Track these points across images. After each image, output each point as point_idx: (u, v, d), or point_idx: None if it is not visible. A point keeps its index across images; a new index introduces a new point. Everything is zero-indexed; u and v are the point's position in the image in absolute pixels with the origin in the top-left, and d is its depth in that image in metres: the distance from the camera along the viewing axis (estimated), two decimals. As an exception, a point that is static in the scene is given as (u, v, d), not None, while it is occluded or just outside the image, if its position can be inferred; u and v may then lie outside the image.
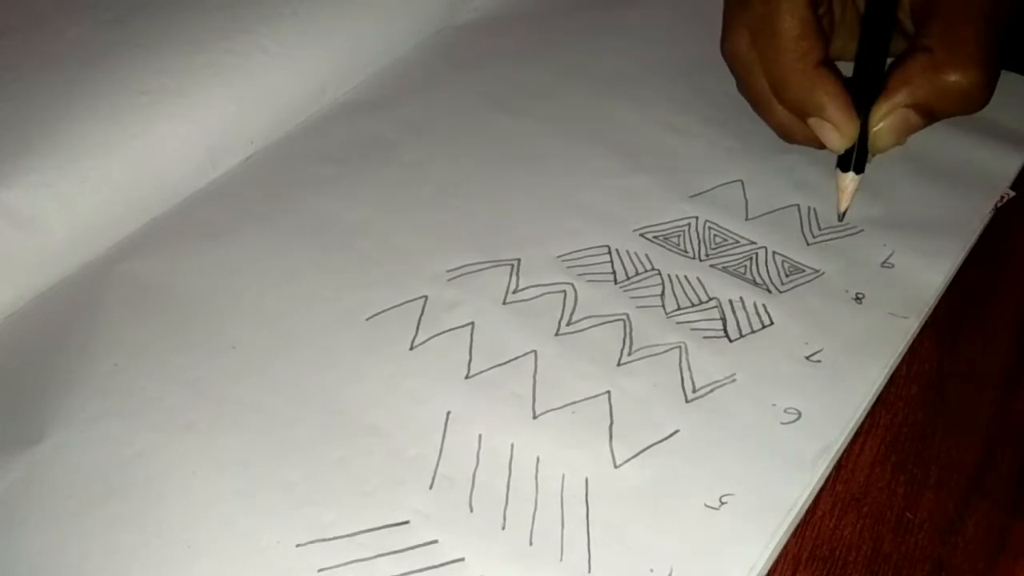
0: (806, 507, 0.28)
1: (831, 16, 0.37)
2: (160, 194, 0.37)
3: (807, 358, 0.31)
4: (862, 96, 0.34)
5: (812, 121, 0.34)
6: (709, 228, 0.36)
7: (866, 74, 0.34)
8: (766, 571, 0.26)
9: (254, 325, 0.33)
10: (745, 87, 0.37)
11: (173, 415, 0.30)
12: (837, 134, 0.34)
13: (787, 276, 0.34)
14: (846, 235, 0.35)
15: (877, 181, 0.37)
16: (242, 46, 0.40)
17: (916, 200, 0.37)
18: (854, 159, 0.35)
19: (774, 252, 0.35)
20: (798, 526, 0.28)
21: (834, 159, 0.35)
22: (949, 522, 0.28)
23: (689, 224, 0.36)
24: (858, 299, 0.33)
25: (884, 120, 0.34)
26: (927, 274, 0.34)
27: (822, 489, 0.28)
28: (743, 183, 0.38)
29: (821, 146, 0.35)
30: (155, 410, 0.30)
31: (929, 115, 0.34)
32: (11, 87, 0.37)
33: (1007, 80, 0.42)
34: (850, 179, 0.35)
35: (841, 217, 0.36)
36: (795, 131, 0.36)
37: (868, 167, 0.35)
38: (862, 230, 0.36)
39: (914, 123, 0.34)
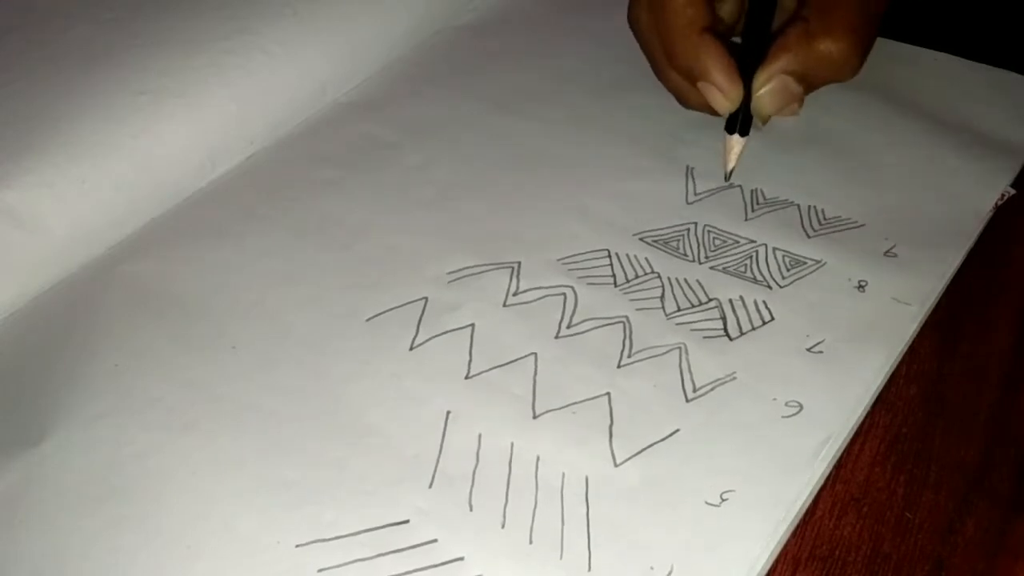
0: (809, 500, 0.28)
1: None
2: (160, 194, 0.37)
3: (808, 350, 0.31)
4: (747, 64, 0.36)
5: (700, 85, 0.36)
6: (708, 231, 0.36)
7: (751, 44, 0.36)
8: (768, 567, 0.26)
9: (254, 326, 0.33)
10: (645, 53, 0.39)
11: (173, 415, 0.30)
12: (722, 97, 0.36)
13: (788, 270, 0.34)
14: (847, 229, 0.35)
15: (878, 179, 0.37)
16: (242, 46, 0.40)
17: (917, 197, 0.37)
18: (740, 122, 0.36)
19: (774, 248, 0.35)
20: (798, 526, 0.28)
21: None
22: (949, 522, 0.28)
23: (688, 229, 0.36)
24: (860, 287, 0.33)
25: (765, 86, 0.36)
26: (930, 264, 0.34)
27: (822, 489, 0.28)
28: (741, 188, 0.38)
29: (715, 112, 0.37)
30: (155, 410, 0.30)
31: (805, 82, 0.36)
32: (11, 87, 0.37)
33: (1007, 80, 0.42)
34: (736, 141, 0.37)
35: (727, 177, 0.37)
36: (689, 96, 0.37)
37: (870, 168, 0.35)
38: (863, 225, 0.36)
39: (793, 90, 0.36)
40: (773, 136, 0.39)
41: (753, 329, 0.32)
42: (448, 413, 0.30)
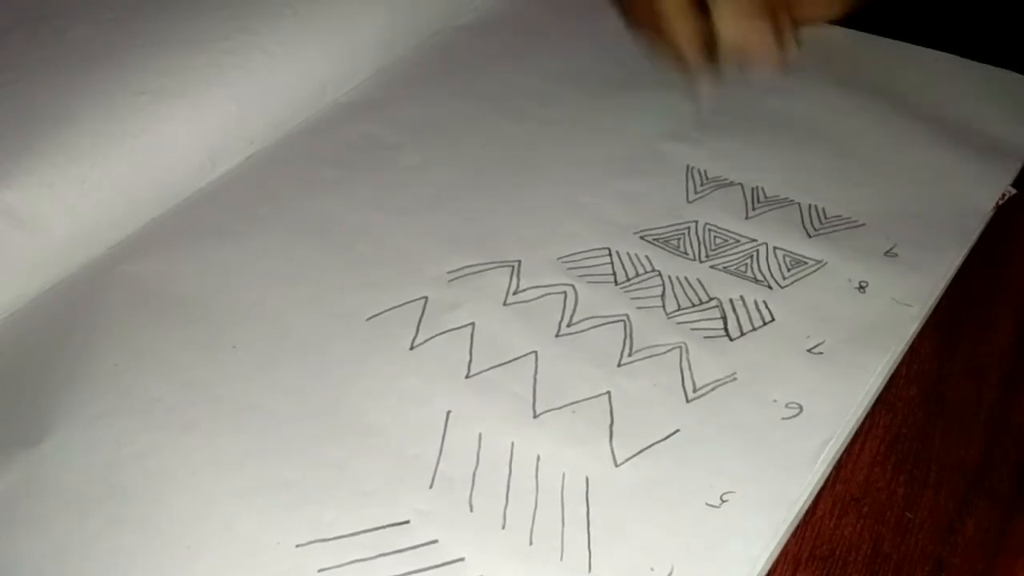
0: (809, 502, 0.28)
1: None
2: (160, 194, 0.37)
3: (808, 351, 0.31)
4: None
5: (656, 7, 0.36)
6: (709, 230, 0.36)
7: None
8: (768, 568, 0.26)
9: (254, 325, 0.33)
10: (626, 18, 0.39)
11: (173, 415, 0.30)
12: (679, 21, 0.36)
13: (788, 270, 0.34)
14: (847, 228, 0.35)
15: (879, 178, 0.37)
16: (242, 46, 0.40)
17: (918, 198, 0.37)
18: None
19: (775, 247, 0.35)
20: (798, 526, 0.28)
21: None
22: (949, 522, 0.28)
23: (689, 227, 0.36)
24: (861, 288, 0.33)
25: (724, 7, 0.35)
26: (931, 265, 0.34)
27: (822, 489, 0.28)
28: (742, 186, 0.38)
29: (686, 61, 0.36)
30: (155, 410, 0.30)
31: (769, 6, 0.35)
32: (11, 87, 0.37)
33: (1007, 80, 0.42)
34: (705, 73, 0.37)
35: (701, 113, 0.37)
36: (658, 43, 0.37)
37: (870, 167, 0.35)
38: (864, 224, 0.36)
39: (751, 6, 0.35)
40: (774, 134, 0.39)
41: (754, 329, 0.32)
42: (448, 413, 0.30)
